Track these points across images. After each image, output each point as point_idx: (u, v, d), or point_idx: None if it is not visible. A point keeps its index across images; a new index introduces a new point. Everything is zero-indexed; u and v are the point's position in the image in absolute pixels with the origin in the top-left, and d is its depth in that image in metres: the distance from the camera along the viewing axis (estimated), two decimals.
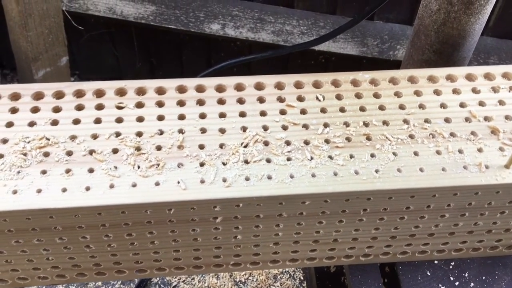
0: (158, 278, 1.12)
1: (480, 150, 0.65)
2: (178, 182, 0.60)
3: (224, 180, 0.61)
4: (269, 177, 0.62)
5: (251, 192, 0.60)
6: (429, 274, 0.76)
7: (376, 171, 0.63)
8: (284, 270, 1.20)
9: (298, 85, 0.71)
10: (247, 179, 0.61)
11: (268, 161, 0.63)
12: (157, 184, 0.60)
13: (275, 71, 2.06)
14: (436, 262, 0.78)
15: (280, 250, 0.72)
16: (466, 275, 0.76)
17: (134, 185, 0.60)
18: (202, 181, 0.61)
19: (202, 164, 0.62)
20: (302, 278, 1.11)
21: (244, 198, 0.60)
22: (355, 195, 0.62)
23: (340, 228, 0.68)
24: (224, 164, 0.63)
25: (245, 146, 0.64)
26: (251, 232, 0.67)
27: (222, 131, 0.66)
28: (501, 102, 0.70)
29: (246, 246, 0.70)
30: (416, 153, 0.64)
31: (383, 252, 0.75)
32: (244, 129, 0.66)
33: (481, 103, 0.69)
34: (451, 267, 0.77)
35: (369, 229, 0.69)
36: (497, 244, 0.75)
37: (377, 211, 0.66)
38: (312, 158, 0.63)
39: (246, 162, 0.63)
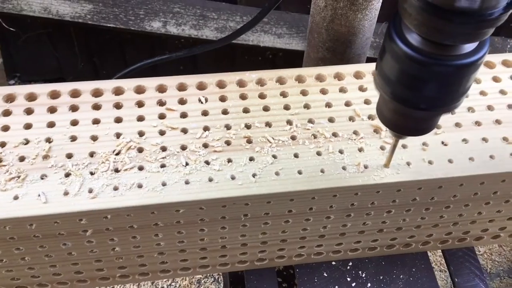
0: None
1: (360, 149, 0.63)
2: (39, 195, 0.57)
3: (90, 191, 0.58)
4: (140, 186, 0.59)
5: (118, 202, 0.57)
6: (326, 275, 0.75)
7: (254, 175, 0.61)
8: (208, 274, 1.17)
9: (181, 88, 0.68)
10: (115, 188, 0.58)
11: (141, 168, 0.60)
12: (15, 198, 0.56)
13: (222, 67, 2.03)
14: (333, 263, 0.77)
15: (168, 260, 0.69)
16: (364, 275, 0.75)
17: None
18: (66, 193, 0.57)
19: (67, 175, 0.59)
20: None
21: (111, 209, 0.57)
22: (231, 201, 0.60)
23: (225, 234, 0.66)
24: (92, 173, 0.59)
25: (117, 154, 0.61)
26: (129, 243, 0.64)
27: (94, 138, 0.62)
28: None
29: (129, 258, 0.67)
30: (296, 155, 0.63)
31: (277, 255, 0.73)
32: (118, 135, 0.63)
33: (367, 101, 0.68)
34: (348, 267, 0.76)
35: (256, 234, 0.67)
36: (392, 243, 0.75)
37: (259, 216, 0.64)
38: (187, 164, 0.61)
39: (117, 170, 0.60)
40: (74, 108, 0.64)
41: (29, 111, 0.64)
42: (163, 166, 0.61)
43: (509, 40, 1.66)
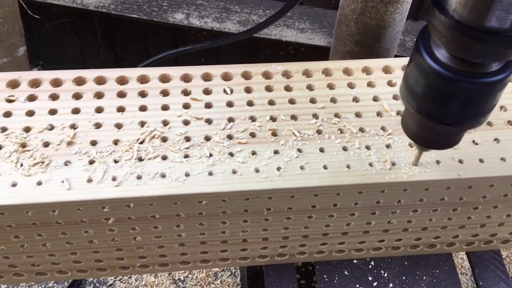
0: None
1: (388, 146, 0.62)
2: (62, 181, 0.56)
3: (114, 179, 0.57)
4: (163, 176, 0.58)
5: (142, 191, 0.57)
6: (347, 273, 0.74)
7: (278, 168, 0.59)
8: (225, 268, 1.17)
9: (206, 78, 0.67)
10: (138, 177, 0.58)
11: (164, 158, 0.60)
12: (39, 183, 0.56)
13: (244, 61, 2.01)
14: (355, 261, 0.75)
15: (188, 251, 0.68)
16: (386, 275, 0.74)
17: (14, 185, 0.56)
18: (90, 180, 0.57)
19: (91, 162, 0.58)
20: None
21: (134, 198, 0.57)
22: (255, 194, 0.59)
23: (247, 228, 0.65)
24: (116, 161, 0.59)
25: (141, 143, 0.61)
26: (150, 233, 0.63)
27: (119, 126, 0.62)
28: None
29: (150, 248, 0.66)
30: (321, 150, 0.61)
31: (298, 251, 0.72)
32: (142, 124, 0.62)
33: (396, 97, 0.66)
34: (370, 266, 0.74)
35: (278, 229, 0.66)
36: (417, 243, 0.73)
37: (282, 210, 0.62)
38: (211, 155, 0.60)
39: (140, 159, 0.59)
40: (99, 95, 0.64)
41: (54, 97, 0.63)
42: (186, 156, 0.60)
43: None
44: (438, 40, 0.42)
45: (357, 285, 0.72)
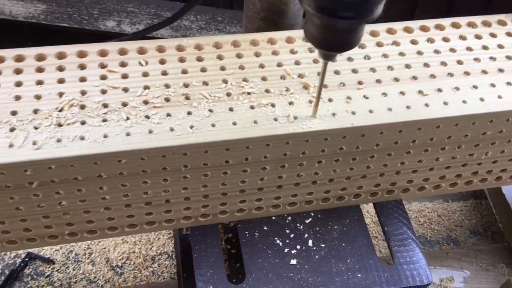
0: (30, 269, 1.10)
1: (291, 103, 0.69)
2: None
3: (34, 143, 0.61)
4: (82, 138, 0.62)
5: (61, 152, 0.61)
6: (266, 229, 0.80)
7: (191, 127, 0.65)
8: (162, 251, 1.21)
9: (122, 52, 0.72)
10: (58, 140, 0.62)
11: (83, 123, 0.64)
12: None
13: None
14: (274, 218, 0.82)
15: (114, 215, 0.72)
16: (301, 227, 0.81)
17: None
18: (11, 145, 0.60)
19: (12, 130, 0.62)
20: None
21: (54, 158, 0.60)
22: (170, 150, 0.64)
23: (168, 187, 0.70)
24: (36, 128, 0.62)
25: (60, 110, 0.64)
26: (75, 197, 0.67)
27: (38, 97, 0.65)
28: (314, 61, 0.74)
29: (76, 213, 0.70)
30: (231, 109, 0.68)
31: (220, 211, 0.78)
32: (61, 94, 0.66)
33: (297, 62, 0.74)
34: (287, 221, 0.81)
35: (197, 187, 0.72)
36: (327, 196, 0.81)
37: (198, 167, 0.68)
38: (128, 118, 0.65)
39: (59, 125, 0.63)
40: (18, 71, 0.67)
41: None
42: (104, 120, 0.64)
43: None
44: None
45: (276, 238, 0.79)
